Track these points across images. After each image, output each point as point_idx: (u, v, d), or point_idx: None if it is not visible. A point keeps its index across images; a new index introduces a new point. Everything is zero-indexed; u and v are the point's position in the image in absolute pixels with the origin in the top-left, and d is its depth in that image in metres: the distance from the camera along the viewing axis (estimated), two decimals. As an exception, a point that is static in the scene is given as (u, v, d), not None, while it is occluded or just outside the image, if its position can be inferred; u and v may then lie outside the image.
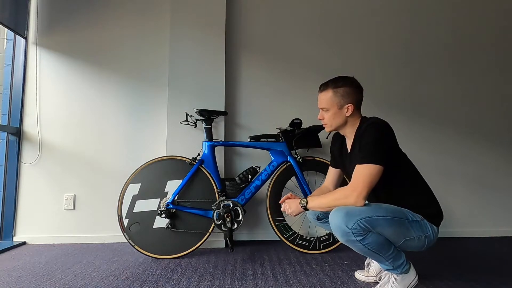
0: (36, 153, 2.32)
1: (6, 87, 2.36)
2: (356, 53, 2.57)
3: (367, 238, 1.25)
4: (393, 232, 1.28)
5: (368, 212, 1.25)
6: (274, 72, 2.49)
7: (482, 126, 2.60)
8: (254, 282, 1.55)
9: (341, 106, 1.41)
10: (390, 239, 1.30)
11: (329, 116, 1.44)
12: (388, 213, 1.28)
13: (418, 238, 1.31)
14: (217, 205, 1.99)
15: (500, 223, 2.55)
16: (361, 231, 1.24)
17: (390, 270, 1.36)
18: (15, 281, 1.57)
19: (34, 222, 2.29)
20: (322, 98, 1.45)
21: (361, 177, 1.27)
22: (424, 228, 1.32)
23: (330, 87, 1.43)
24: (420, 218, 1.33)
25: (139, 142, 2.40)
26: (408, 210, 1.33)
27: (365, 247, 1.27)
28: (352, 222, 1.23)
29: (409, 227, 1.30)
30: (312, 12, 2.57)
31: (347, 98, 1.41)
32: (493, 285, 1.54)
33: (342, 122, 1.44)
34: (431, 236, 1.33)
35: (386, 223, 1.26)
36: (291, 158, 2.10)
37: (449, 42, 2.63)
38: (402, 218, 1.30)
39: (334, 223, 1.27)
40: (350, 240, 1.27)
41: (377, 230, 1.26)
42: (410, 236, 1.30)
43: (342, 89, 1.41)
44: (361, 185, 1.26)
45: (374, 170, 1.26)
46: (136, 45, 2.45)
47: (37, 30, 2.39)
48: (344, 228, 1.24)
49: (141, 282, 1.55)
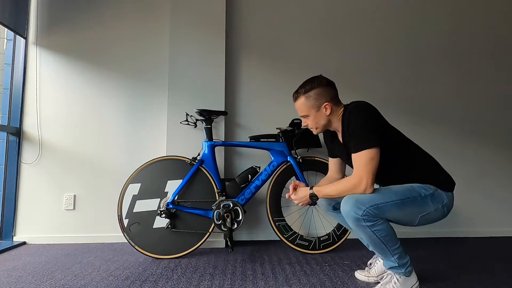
0: (36, 153, 2.33)
1: (6, 87, 2.36)
2: (356, 53, 2.57)
3: (377, 225, 1.28)
4: (405, 214, 1.31)
5: (377, 199, 1.28)
6: (274, 72, 2.49)
7: (482, 126, 2.60)
8: (254, 282, 1.55)
9: (319, 108, 1.42)
10: (405, 222, 1.33)
11: (311, 120, 1.46)
12: (398, 196, 1.30)
13: (436, 209, 1.33)
14: (217, 205, 1.99)
15: (500, 223, 2.55)
16: (371, 217, 1.27)
17: (394, 268, 1.36)
18: (15, 281, 1.57)
19: (34, 222, 2.29)
20: (298, 107, 1.47)
21: (362, 165, 1.28)
22: (439, 198, 1.33)
23: (301, 94, 1.44)
24: (433, 189, 1.34)
25: (139, 142, 2.40)
26: (419, 185, 1.34)
27: (374, 234, 1.29)
28: (363, 209, 1.26)
29: (423, 203, 1.31)
30: (312, 12, 2.57)
31: (321, 99, 1.41)
32: (493, 285, 1.53)
33: (326, 121, 1.45)
34: (448, 203, 1.35)
35: (396, 208, 1.29)
36: (291, 158, 2.10)
37: (449, 42, 2.63)
38: (415, 196, 1.31)
39: (345, 209, 1.30)
40: (360, 225, 1.29)
41: (387, 216, 1.29)
42: (426, 211, 1.32)
43: (312, 92, 1.42)
44: (365, 173, 1.27)
45: (371, 154, 1.27)
46: (136, 45, 2.45)
47: (37, 30, 2.39)
48: (354, 214, 1.27)
49: (141, 282, 1.55)
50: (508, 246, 2.24)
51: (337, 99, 1.46)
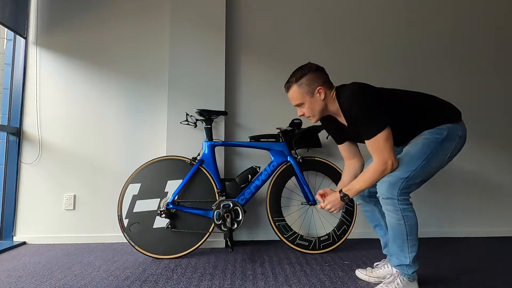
0: (36, 153, 2.32)
1: (6, 87, 2.36)
2: (356, 53, 2.57)
3: (408, 210, 1.33)
4: (433, 167, 1.37)
5: (404, 173, 1.32)
6: (274, 72, 2.49)
7: (482, 126, 2.60)
8: (254, 282, 1.55)
9: (312, 94, 1.42)
10: (437, 171, 1.39)
11: (307, 108, 1.45)
12: (421, 158, 1.33)
13: (455, 144, 1.38)
14: (217, 205, 1.98)
15: (500, 223, 2.55)
16: (405, 201, 1.33)
17: (403, 267, 1.37)
18: (15, 281, 1.57)
19: (34, 222, 2.29)
20: (291, 96, 1.47)
21: (381, 149, 1.31)
22: (453, 133, 1.37)
23: (293, 82, 1.44)
24: (446, 129, 1.36)
25: (139, 142, 2.40)
26: (431, 133, 1.36)
27: (403, 219, 1.33)
28: (396, 190, 1.32)
29: (443, 147, 1.36)
30: (312, 12, 2.57)
31: (313, 84, 1.41)
32: (493, 285, 1.54)
33: (322, 106, 1.44)
34: (462, 133, 1.39)
35: (423, 169, 1.34)
36: (291, 158, 2.10)
37: (449, 41, 2.63)
38: (433, 147, 1.34)
39: (381, 191, 1.36)
40: (394, 209, 1.33)
41: (422, 178, 1.35)
42: (449, 151, 1.38)
43: (304, 79, 1.42)
44: (387, 155, 1.30)
45: (384, 136, 1.30)
46: (136, 45, 2.45)
47: (37, 30, 2.39)
48: (390, 195, 1.32)
49: (141, 282, 1.55)
50: (508, 246, 2.24)
51: (329, 83, 1.46)
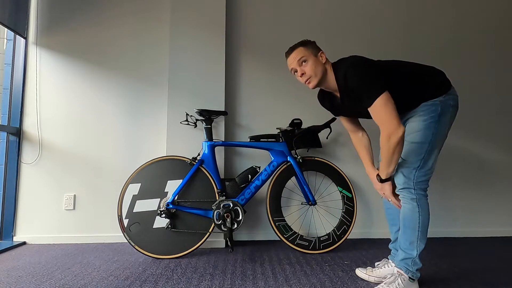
0: (36, 153, 2.32)
1: (6, 87, 2.36)
2: (356, 53, 2.53)
3: (423, 201, 1.39)
4: (439, 144, 1.41)
5: (414, 163, 1.37)
6: (274, 72, 2.49)
7: (482, 126, 2.60)
8: (254, 282, 1.55)
9: (316, 54, 1.46)
10: (443, 143, 1.43)
11: (310, 65, 1.45)
12: (425, 142, 1.37)
13: (451, 113, 1.40)
14: (217, 205, 1.98)
15: (500, 223, 2.55)
16: (422, 191, 1.39)
17: (409, 261, 1.38)
18: (15, 281, 1.57)
19: (34, 222, 2.29)
20: (295, 55, 1.48)
21: (382, 115, 1.30)
22: (446, 104, 1.39)
23: (299, 45, 1.48)
24: (438, 102, 1.38)
25: (139, 142, 2.40)
26: (427, 112, 1.37)
27: (418, 207, 1.37)
28: (411, 180, 1.38)
29: (441, 122, 1.37)
30: (312, 12, 2.57)
31: (317, 48, 1.49)
32: (493, 285, 1.54)
33: (323, 69, 1.46)
34: (454, 101, 1.41)
35: (431, 150, 1.38)
36: (291, 158, 2.10)
37: (449, 41, 2.63)
38: (434, 124, 1.37)
39: (398, 182, 1.42)
40: (410, 197, 1.39)
41: (433, 160, 1.39)
42: (448, 122, 1.40)
43: (309, 44, 1.49)
44: (389, 119, 1.28)
45: (383, 100, 1.29)
46: (136, 45, 2.45)
47: (37, 30, 2.39)
48: (407, 186, 1.39)
49: (141, 282, 1.55)
50: (508, 246, 2.24)
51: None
